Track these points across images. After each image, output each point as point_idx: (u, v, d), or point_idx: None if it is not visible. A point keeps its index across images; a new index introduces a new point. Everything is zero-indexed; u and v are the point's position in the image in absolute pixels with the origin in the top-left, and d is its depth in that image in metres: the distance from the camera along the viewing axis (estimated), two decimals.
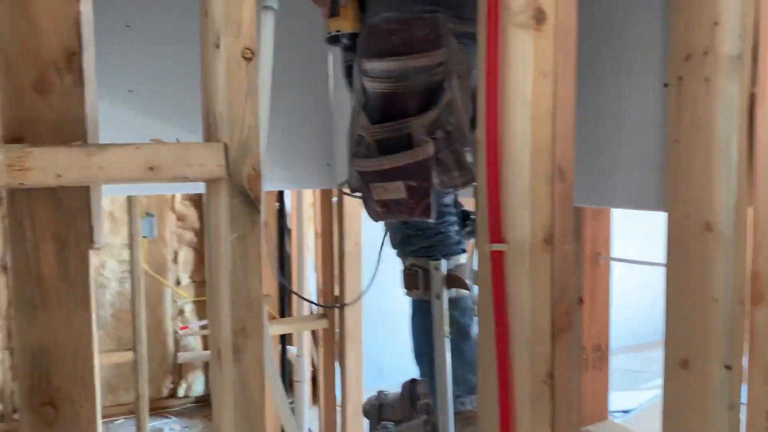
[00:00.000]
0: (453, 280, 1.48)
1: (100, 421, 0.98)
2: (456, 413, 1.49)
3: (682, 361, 1.25)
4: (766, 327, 1.20)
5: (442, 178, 1.29)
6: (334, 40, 1.49)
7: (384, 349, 3.82)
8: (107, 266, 3.86)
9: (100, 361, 0.98)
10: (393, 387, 1.88)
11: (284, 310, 3.45)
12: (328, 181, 2.95)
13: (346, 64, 1.50)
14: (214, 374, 0.97)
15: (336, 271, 3.36)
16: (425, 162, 1.25)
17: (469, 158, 1.29)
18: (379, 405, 1.76)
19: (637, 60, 1.32)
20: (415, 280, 1.51)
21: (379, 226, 1.71)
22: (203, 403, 4.17)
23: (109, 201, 3.57)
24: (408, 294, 1.56)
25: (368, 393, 1.96)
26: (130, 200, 2.94)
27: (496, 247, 1.10)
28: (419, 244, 1.52)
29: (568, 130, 1.07)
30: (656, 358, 4.93)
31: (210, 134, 0.90)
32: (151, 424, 3.29)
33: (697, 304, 1.20)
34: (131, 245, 2.63)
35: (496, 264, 1.10)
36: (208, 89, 0.89)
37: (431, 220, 1.33)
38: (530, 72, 1.06)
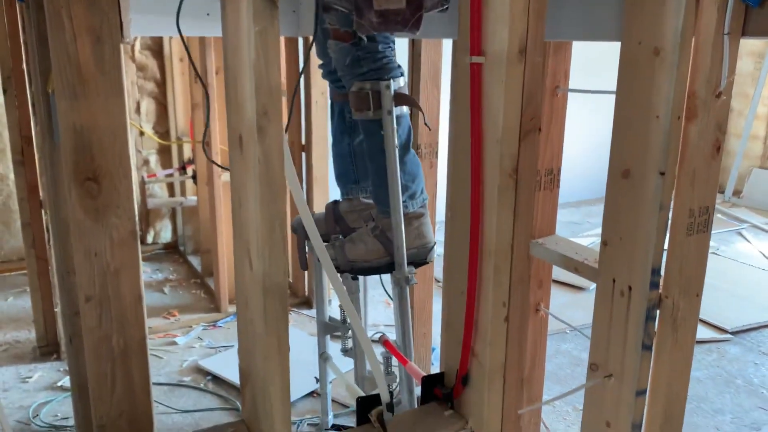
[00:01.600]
0: (401, 98, 1.62)
1: (134, 197, 1.13)
2: None
3: (624, 171, 1.44)
4: (695, 139, 1.41)
5: None
6: None
7: None
8: None
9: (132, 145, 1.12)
10: None
11: None
12: (294, 28, 2.97)
13: None
14: (234, 158, 1.12)
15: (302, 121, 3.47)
16: None
17: None
18: None
19: None
20: (366, 102, 1.60)
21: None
22: (171, 249, 4.35)
23: None
24: (357, 116, 1.65)
25: None
26: None
27: (476, 59, 1.25)
28: (368, 67, 1.61)
29: None
30: (594, 212, 5.29)
31: None
32: None
33: (642, 120, 1.38)
34: None
35: (475, 74, 1.25)
36: None
37: (416, 33, 1.44)
38: None
